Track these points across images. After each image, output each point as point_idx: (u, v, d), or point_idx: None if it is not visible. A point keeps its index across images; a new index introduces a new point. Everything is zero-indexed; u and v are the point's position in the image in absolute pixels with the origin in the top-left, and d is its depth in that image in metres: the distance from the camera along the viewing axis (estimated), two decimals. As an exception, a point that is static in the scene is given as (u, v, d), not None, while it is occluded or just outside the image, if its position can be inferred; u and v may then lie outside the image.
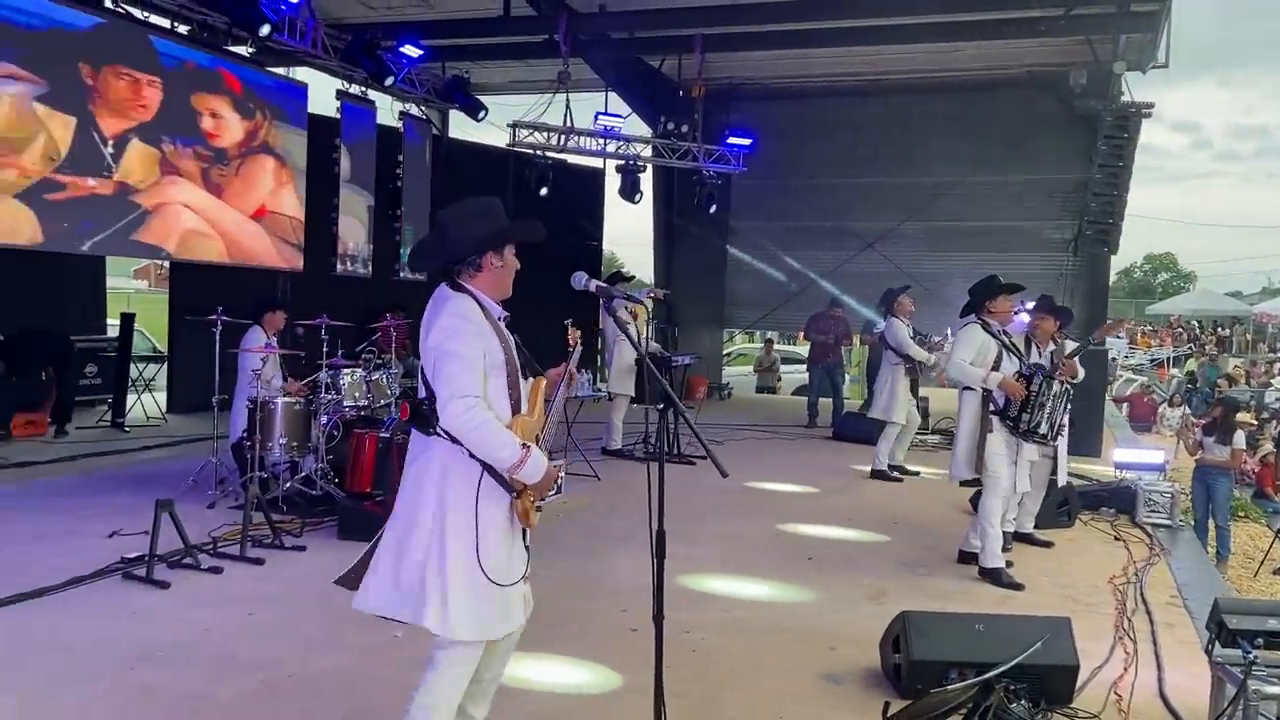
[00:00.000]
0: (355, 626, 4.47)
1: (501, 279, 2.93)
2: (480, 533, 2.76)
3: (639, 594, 5.18)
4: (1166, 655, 4.53)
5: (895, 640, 4.01)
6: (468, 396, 2.69)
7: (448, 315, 2.79)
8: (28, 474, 7.79)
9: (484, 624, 2.83)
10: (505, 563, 2.85)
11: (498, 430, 2.74)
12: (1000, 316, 5.93)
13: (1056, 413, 5.78)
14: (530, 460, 2.77)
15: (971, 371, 5.76)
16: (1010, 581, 5.58)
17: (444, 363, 2.74)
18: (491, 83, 15.60)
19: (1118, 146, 11.88)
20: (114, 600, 4.77)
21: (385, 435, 6.51)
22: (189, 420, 10.43)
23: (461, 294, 2.85)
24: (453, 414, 2.69)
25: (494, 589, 2.79)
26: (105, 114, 8.98)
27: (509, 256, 2.93)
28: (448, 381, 2.71)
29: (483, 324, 2.81)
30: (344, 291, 11.73)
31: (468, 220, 2.90)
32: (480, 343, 2.78)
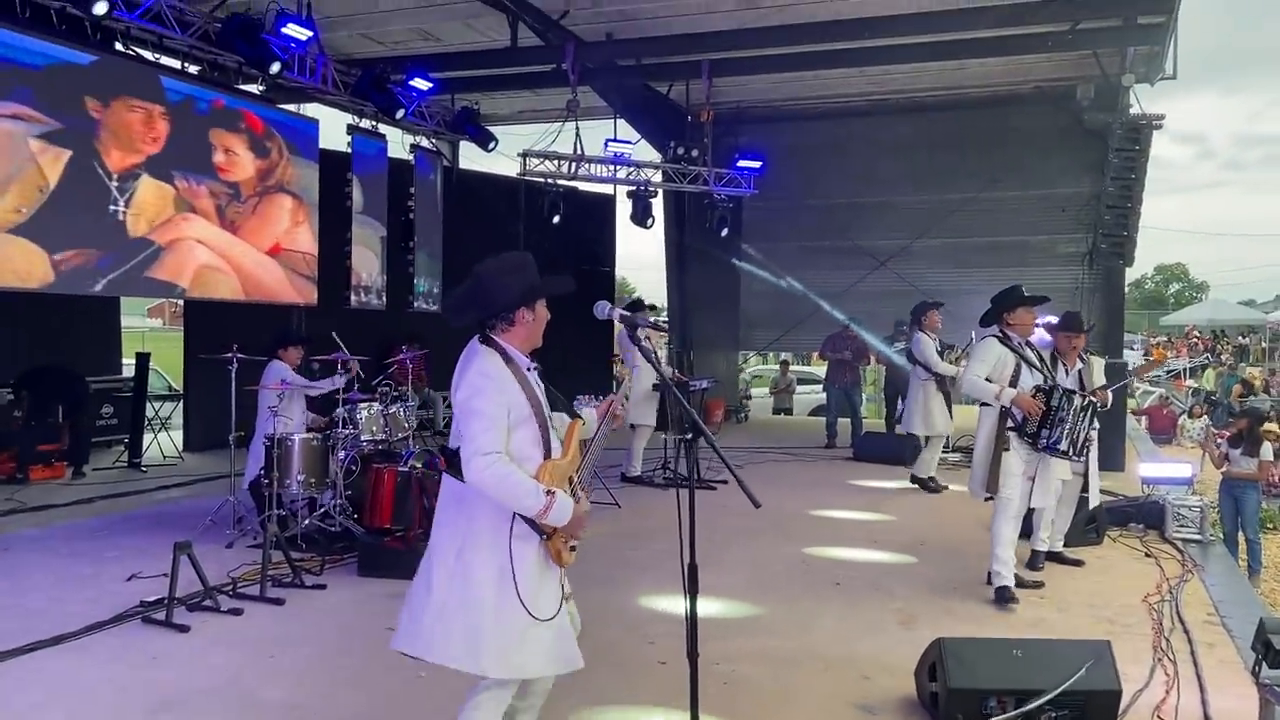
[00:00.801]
0: (381, 667, 4.41)
1: (533, 332, 3.06)
2: (516, 571, 2.87)
3: (665, 624, 5.11)
4: (1209, 676, 4.41)
5: (931, 668, 3.91)
6: (490, 454, 2.82)
7: (473, 373, 2.92)
8: (45, 517, 7.77)
9: (511, 661, 2.90)
10: (539, 600, 2.92)
11: (519, 481, 2.84)
12: (1020, 329, 5.73)
13: (1079, 428, 5.58)
14: (555, 505, 2.87)
15: (984, 387, 5.58)
16: (1009, 597, 5.51)
17: (467, 421, 2.87)
18: (500, 113, 15.67)
19: (1129, 159, 11.82)
20: (134, 645, 4.71)
21: (404, 470, 6.46)
22: (206, 459, 10.42)
23: (489, 349, 2.96)
24: (475, 470, 2.82)
25: (532, 626, 2.88)
26: (113, 148, 9.02)
27: (540, 310, 3.06)
28: (470, 439, 2.84)
29: (507, 380, 2.92)
30: (359, 324, 11.74)
31: (503, 276, 3.01)
32: (504, 399, 2.90)
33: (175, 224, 9.69)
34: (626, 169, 12.91)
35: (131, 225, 9.21)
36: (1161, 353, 30.72)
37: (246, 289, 10.62)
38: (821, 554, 6.76)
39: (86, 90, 8.74)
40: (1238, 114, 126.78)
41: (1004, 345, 5.68)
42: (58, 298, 9.58)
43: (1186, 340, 32.71)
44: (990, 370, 5.61)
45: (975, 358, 5.74)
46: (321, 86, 10.73)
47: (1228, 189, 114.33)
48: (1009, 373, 5.59)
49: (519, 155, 12.33)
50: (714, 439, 2.90)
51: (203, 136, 10.02)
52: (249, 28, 9.14)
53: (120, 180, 9.08)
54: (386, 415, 7.26)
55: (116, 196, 9.06)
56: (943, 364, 8.69)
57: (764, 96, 14.81)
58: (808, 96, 14.74)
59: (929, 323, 8.86)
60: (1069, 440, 5.52)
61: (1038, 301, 5.83)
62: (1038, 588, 5.86)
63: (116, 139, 9.03)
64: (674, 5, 11.17)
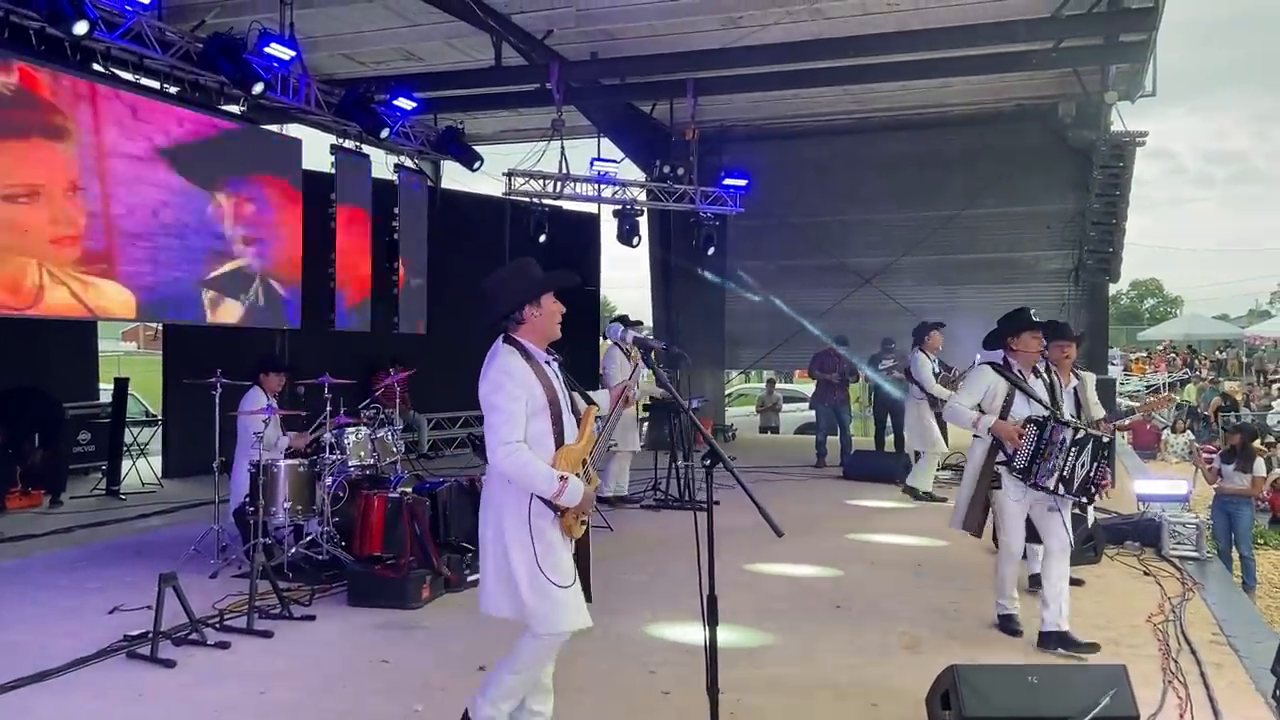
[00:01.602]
0: (374, 701, 4.28)
1: (544, 326, 3.44)
2: (536, 545, 3.31)
3: (665, 652, 5.00)
4: (1221, 699, 4.34)
5: (944, 696, 3.82)
6: (509, 443, 3.25)
7: (495, 370, 3.33)
8: (24, 548, 7.55)
9: (564, 617, 3.35)
10: (558, 567, 3.35)
11: (536, 470, 3.26)
12: (1024, 356, 5.30)
13: (1072, 463, 5.01)
14: (568, 489, 3.30)
15: (962, 414, 5.24)
16: (1013, 629, 5.31)
17: (489, 416, 3.28)
18: (485, 132, 15.62)
19: (1114, 175, 11.91)
20: (119, 682, 4.54)
21: (394, 495, 6.32)
22: (186, 485, 10.21)
23: (509, 347, 3.37)
24: (498, 459, 3.26)
25: (552, 589, 3.32)
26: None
27: (546, 305, 3.43)
28: (493, 431, 3.27)
29: (525, 374, 3.32)
30: (343, 347, 11.59)
31: (505, 282, 3.46)
32: (523, 393, 3.30)
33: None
34: (611, 188, 12.87)
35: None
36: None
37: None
38: (818, 575, 6.67)
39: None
40: (1205, 132, 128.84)
41: (998, 373, 5.31)
42: (33, 322, 9.41)
43: (1165, 355, 33.00)
44: (979, 398, 5.28)
45: (965, 385, 5.51)
46: (304, 106, 10.63)
47: (1198, 205, 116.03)
48: (999, 403, 5.23)
49: (504, 175, 12.27)
50: (732, 464, 2.83)
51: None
52: (231, 48, 9.04)
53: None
54: (374, 440, 7.11)
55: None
56: (936, 385, 8.66)
57: (748, 115, 14.85)
58: (792, 115, 14.80)
59: (930, 343, 8.84)
60: (1058, 476, 5.00)
61: (1043, 327, 5.45)
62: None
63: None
64: (658, 25, 11.19)
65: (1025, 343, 5.29)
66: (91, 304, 8.93)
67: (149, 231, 9.45)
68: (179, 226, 9.77)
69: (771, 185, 14.39)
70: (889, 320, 13.88)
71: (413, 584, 5.77)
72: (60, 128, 8.48)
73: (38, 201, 8.31)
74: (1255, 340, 34.08)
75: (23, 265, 8.24)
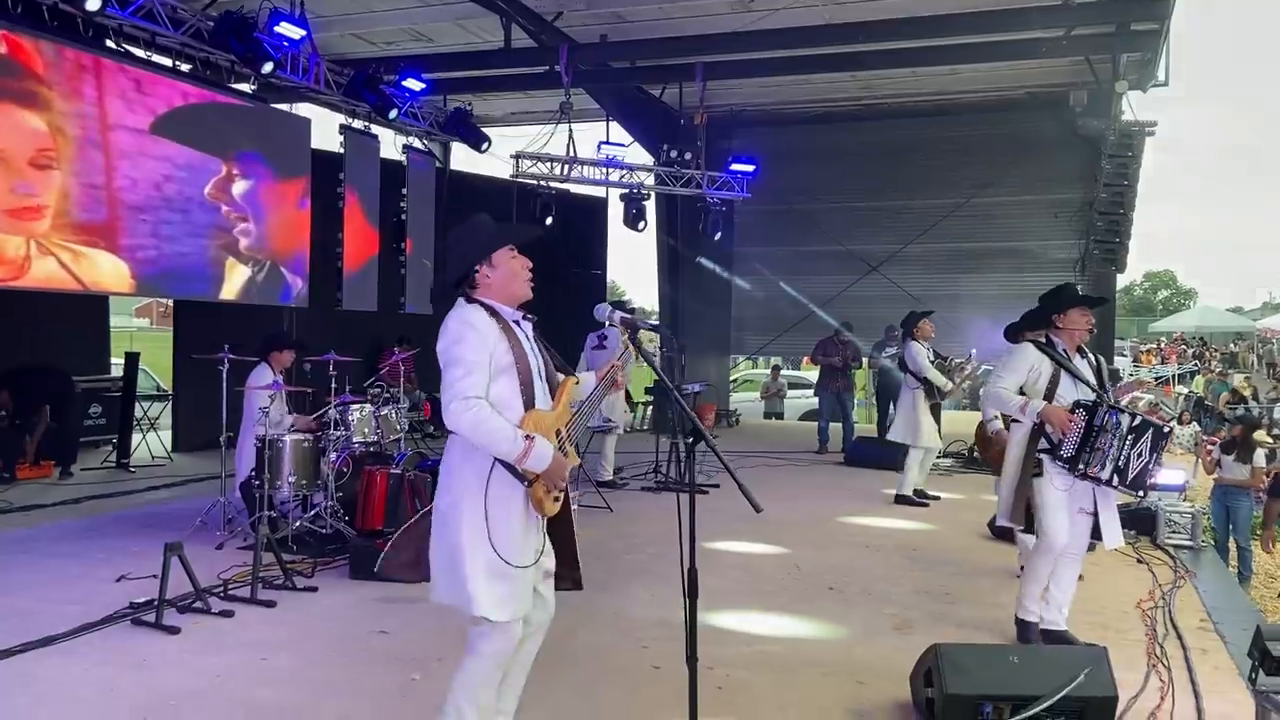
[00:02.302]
0: (372, 670, 4.38)
1: (505, 284, 3.11)
2: (490, 518, 2.96)
3: (658, 628, 5.09)
4: (1203, 682, 4.40)
5: (927, 674, 3.89)
6: (468, 398, 2.89)
7: (454, 322, 3.01)
8: (33, 517, 7.69)
9: (506, 604, 3.00)
10: (518, 546, 3.02)
11: (497, 426, 2.91)
12: (1071, 335, 4.84)
13: (1128, 454, 4.59)
14: (534, 450, 2.93)
15: (1009, 399, 4.77)
16: (1031, 637, 4.88)
17: (446, 368, 2.95)
18: (494, 114, 15.65)
19: (1122, 165, 11.86)
20: (123, 647, 4.66)
21: (396, 471, 6.42)
22: (195, 459, 10.35)
23: (472, 304, 3.06)
24: (454, 414, 2.90)
25: (510, 570, 2.98)
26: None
27: (501, 262, 3.10)
28: (449, 385, 2.92)
29: (489, 329, 3.00)
30: (351, 326, 11.68)
31: (457, 245, 3.17)
32: (485, 346, 2.97)
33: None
34: (619, 172, 12.90)
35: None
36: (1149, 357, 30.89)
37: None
38: (814, 558, 6.74)
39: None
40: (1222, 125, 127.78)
41: (1042, 351, 4.84)
42: (45, 298, 9.52)
43: (1175, 347, 32.91)
44: (1022, 380, 4.80)
45: (1005, 365, 4.90)
46: (314, 86, 10.69)
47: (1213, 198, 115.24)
48: (1044, 383, 4.78)
49: (512, 157, 12.33)
50: (715, 443, 2.87)
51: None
52: (242, 26, 9.10)
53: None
54: (378, 417, 7.22)
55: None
56: (933, 371, 8.61)
57: (757, 100, 14.84)
58: (801, 100, 14.79)
59: (920, 332, 8.80)
60: (1112, 466, 4.57)
61: (1095, 303, 5.07)
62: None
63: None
64: (668, 7, 11.18)
65: (1074, 320, 4.83)
66: (83, 277, 8.94)
67: (152, 205, 9.53)
68: (182, 201, 9.85)
69: (779, 171, 14.40)
70: (895, 307, 13.85)
71: (413, 558, 5.86)
72: (35, 95, 8.39)
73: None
74: (1267, 333, 33.93)
75: (3, 237, 8.24)
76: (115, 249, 9.16)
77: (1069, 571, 4.86)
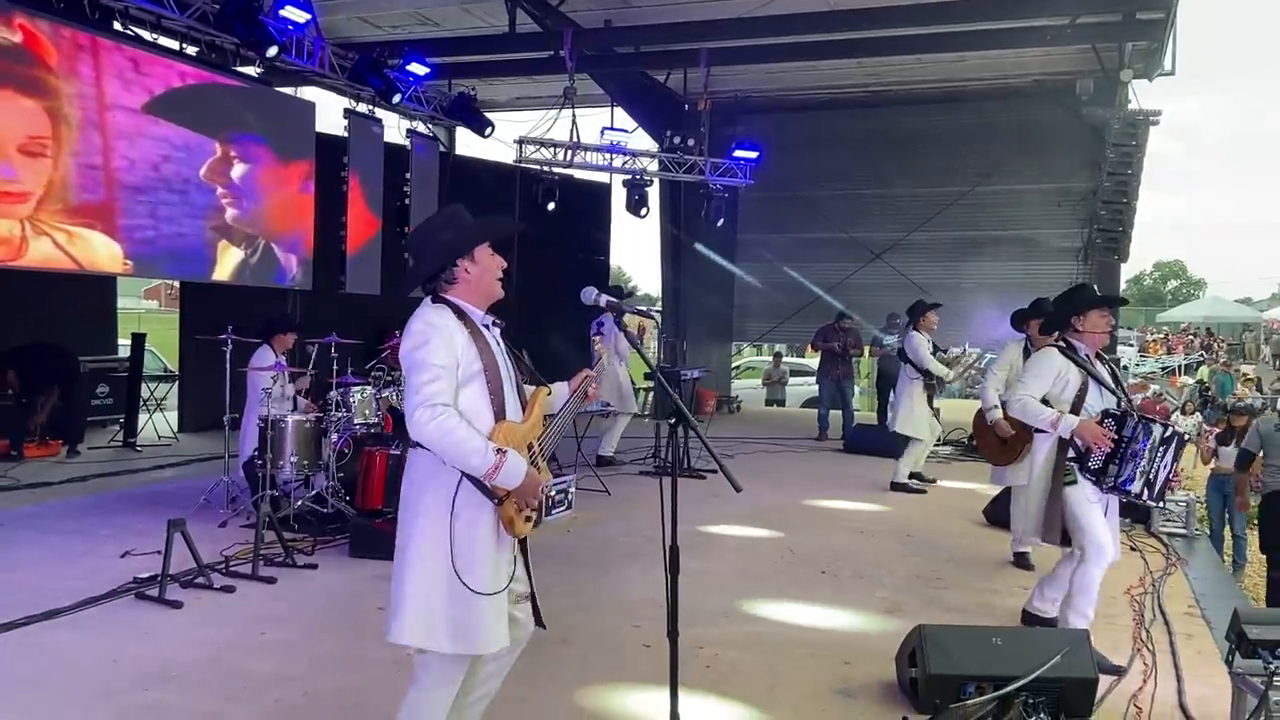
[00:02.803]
0: (370, 644, 4.47)
1: (481, 283, 2.90)
2: (455, 541, 2.71)
3: (651, 608, 5.16)
4: (1186, 666, 4.48)
5: (911, 654, 3.97)
6: (435, 405, 2.65)
7: (419, 324, 2.77)
8: (40, 495, 7.80)
9: (463, 637, 2.75)
10: (487, 572, 2.77)
11: (466, 437, 2.66)
12: (1092, 339, 4.60)
13: (1157, 466, 4.37)
14: (506, 465, 2.69)
15: (1039, 411, 4.46)
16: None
17: (411, 373, 2.71)
18: (498, 99, 15.67)
19: (1126, 154, 11.86)
20: (127, 620, 4.76)
21: (396, 452, 6.50)
22: (200, 439, 10.46)
23: (438, 304, 2.83)
24: (418, 423, 2.65)
25: (475, 599, 2.72)
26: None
27: (482, 258, 2.89)
28: (415, 390, 2.68)
29: (456, 332, 2.77)
30: (354, 309, 11.76)
31: (434, 235, 2.92)
32: (452, 351, 2.74)
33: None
34: (622, 158, 12.92)
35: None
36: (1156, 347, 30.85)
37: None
38: (809, 543, 6.82)
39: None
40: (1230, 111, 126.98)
41: (1067, 357, 4.56)
42: (52, 278, 9.61)
43: (1183, 338, 32.84)
44: (1048, 388, 4.54)
45: (1030, 372, 4.62)
46: (319, 70, 10.73)
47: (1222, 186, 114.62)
48: (1071, 393, 4.51)
49: (515, 142, 12.34)
50: (699, 426, 2.90)
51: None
52: (247, 9, 9.13)
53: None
54: (379, 399, 7.30)
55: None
56: (933, 362, 8.64)
57: (762, 86, 14.82)
58: (805, 87, 14.77)
59: (925, 323, 8.82)
60: (1143, 479, 4.35)
61: (1114, 303, 4.85)
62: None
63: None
64: (673, -7, 11.18)
65: (1094, 323, 4.58)
66: (79, 257, 8.98)
67: (150, 185, 9.57)
68: (180, 181, 9.90)
69: (783, 158, 14.40)
70: (898, 295, 13.90)
71: (412, 538, 5.95)
72: (33, 78, 8.40)
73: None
74: (1276, 324, 33.83)
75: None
76: (111, 230, 9.20)
77: (1066, 570, 4.73)
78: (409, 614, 2.73)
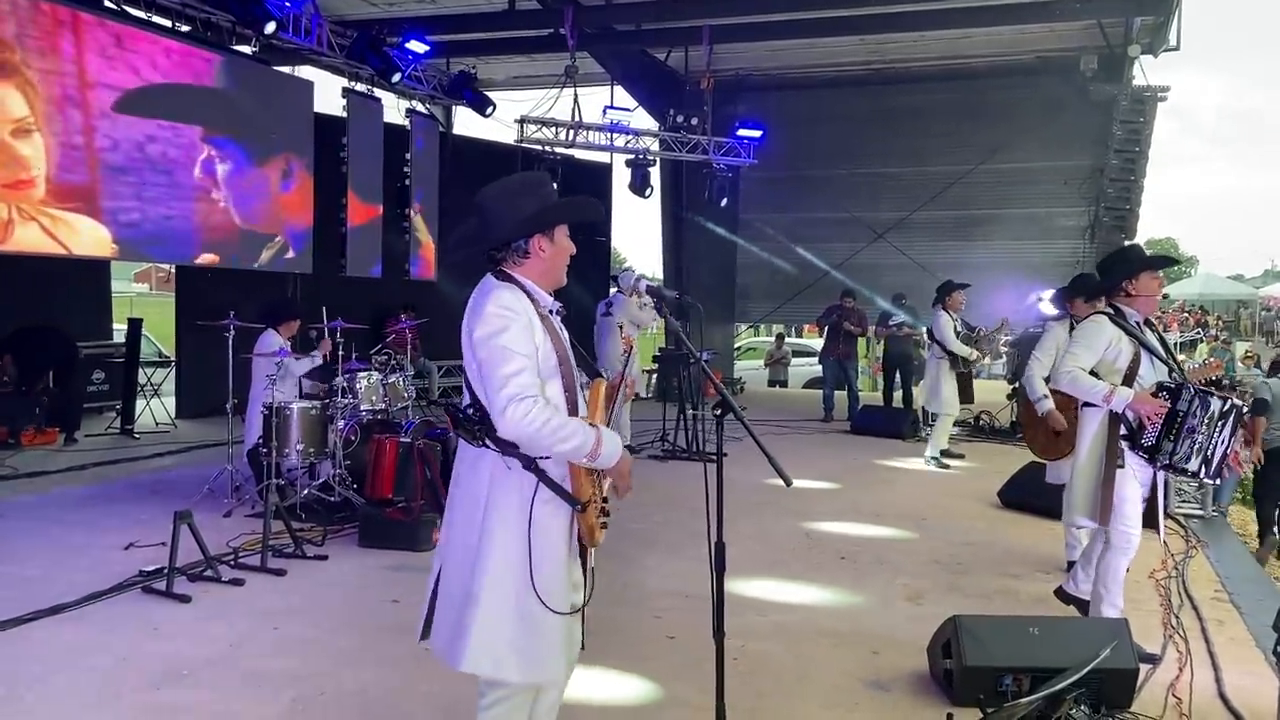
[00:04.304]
0: (385, 638, 4.36)
1: (553, 265, 2.61)
2: (534, 554, 2.46)
3: (671, 599, 5.07)
4: (1221, 654, 4.39)
5: (945, 645, 3.87)
6: (527, 398, 2.38)
7: (493, 307, 2.46)
8: (39, 484, 7.66)
9: (534, 662, 2.52)
10: (563, 589, 2.55)
11: (564, 423, 2.41)
12: (1145, 302, 4.29)
13: (1215, 441, 4.13)
14: (605, 441, 2.47)
15: (1089, 385, 4.19)
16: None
17: (496, 362, 2.41)
18: (498, 78, 15.45)
19: (1134, 131, 11.75)
20: (135, 616, 4.63)
21: (406, 440, 6.38)
22: (198, 426, 10.31)
23: (508, 284, 2.53)
24: (514, 418, 2.36)
25: (547, 619, 2.48)
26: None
27: (560, 239, 2.61)
28: (503, 382, 2.38)
29: (533, 319, 2.50)
30: (354, 292, 11.60)
31: (511, 200, 2.57)
32: (531, 339, 2.47)
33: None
34: (624, 137, 12.75)
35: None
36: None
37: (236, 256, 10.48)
38: (825, 528, 6.73)
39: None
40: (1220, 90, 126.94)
41: (1117, 325, 4.26)
42: (46, 262, 9.42)
43: (1177, 315, 32.83)
44: (1099, 359, 4.27)
45: (1080, 342, 4.31)
46: (316, 48, 10.53)
47: (1213, 164, 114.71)
48: (1124, 363, 4.23)
49: (516, 121, 12.17)
50: (743, 414, 2.78)
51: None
52: (243, -14, 8.94)
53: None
54: (385, 385, 7.16)
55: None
56: (958, 343, 8.67)
57: (764, 64, 14.64)
58: (808, 65, 14.59)
59: (952, 303, 8.82)
60: (1200, 457, 4.12)
61: (1166, 264, 4.57)
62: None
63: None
64: (675, -32, 10.99)
65: (1145, 285, 4.29)
66: (66, 240, 8.76)
67: (135, 166, 9.35)
68: (166, 163, 9.69)
69: (786, 136, 14.23)
70: (902, 275, 13.82)
71: (423, 527, 5.83)
72: (9, 62, 8.17)
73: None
74: (1268, 301, 33.86)
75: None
76: (96, 212, 8.99)
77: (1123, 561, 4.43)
78: (477, 640, 2.46)
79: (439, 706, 3.68)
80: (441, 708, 3.67)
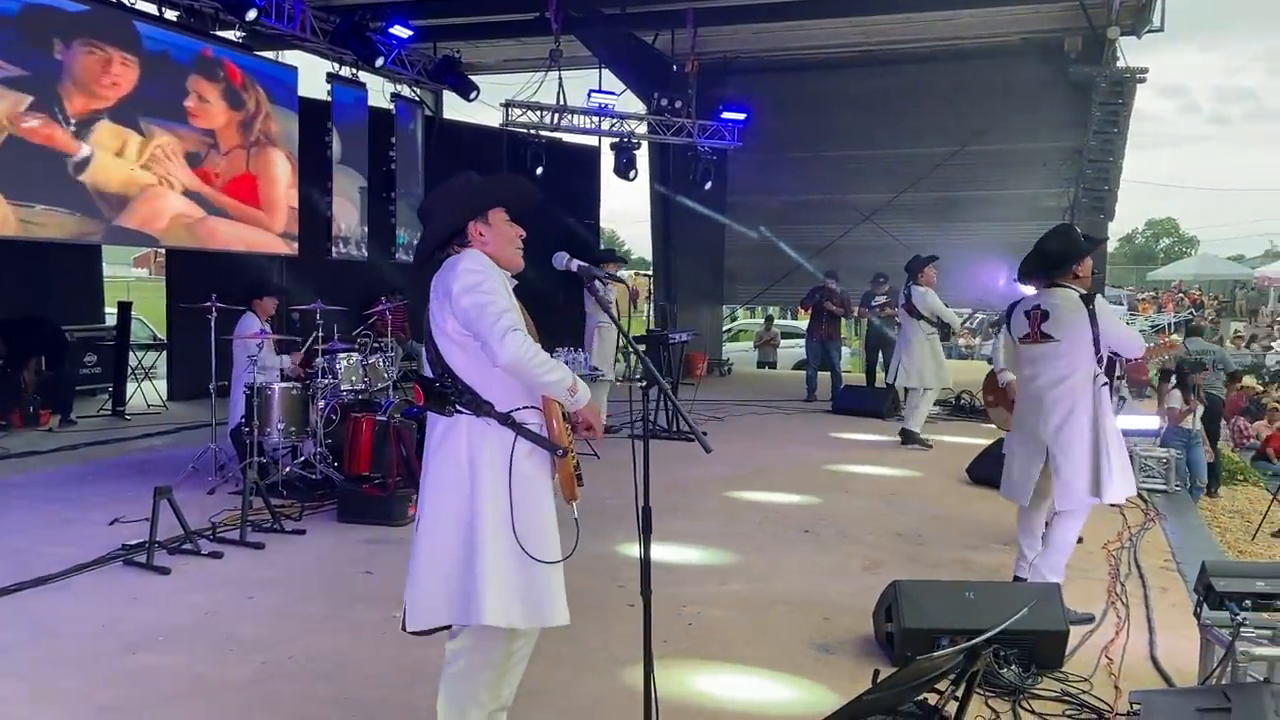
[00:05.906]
0: (355, 607, 4.54)
1: (499, 249, 2.80)
2: (515, 504, 2.64)
3: (635, 569, 5.21)
4: (1158, 619, 4.56)
5: (887, 609, 4.04)
6: (520, 330, 2.60)
7: (469, 264, 2.68)
8: (30, 464, 7.84)
9: (535, 610, 2.69)
10: (545, 538, 2.73)
11: (549, 358, 2.65)
12: (1084, 283, 4.59)
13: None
14: (579, 381, 2.73)
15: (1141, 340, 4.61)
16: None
17: (484, 305, 2.61)
18: (483, 62, 15.51)
19: (1112, 112, 11.84)
20: (115, 586, 4.82)
21: (382, 418, 6.54)
22: (189, 407, 10.47)
23: (472, 249, 2.76)
24: (511, 345, 2.56)
25: (533, 567, 2.65)
26: (75, 94, 8.84)
27: (497, 222, 2.81)
28: (497, 318, 2.59)
29: (502, 276, 2.74)
30: (339, 275, 11.74)
31: (443, 198, 2.85)
32: (505, 293, 2.68)
33: (145, 171, 9.61)
34: (610, 120, 12.85)
35: (94, 172, 9.09)
36: (1146, 305, 30.94)
37: (223, 239, 10.59)
38: (793, 502, 6.90)
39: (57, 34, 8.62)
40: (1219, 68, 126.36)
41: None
42: (36, 246, 9.56)
43: (1173, 296, 32.92)
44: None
45: (1109, 317, 4.50)
46: (299, 33, 10.62)
47: (1213, 143, 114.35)
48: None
49: (501, 105, 12.27)
50: (676, 390, 2.94)
51: (180, 86, 9.92)
52: (224, -28, 9.03)
53: (79, 126, 8.94)
54: (366, 366, 7.32)
55: (76, 142, 8.94)
56: (949, 312, 8.76)
57: (749, 46, 14.70)
58: (793, 47, 14.65)
59: (925, 278, 8.88)
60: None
61: (1098, 244, 5.13)
62: None
63: (77, 83, 8.88)
64: (658, -49, 11.06)
65: (1085, 266, 4.59)
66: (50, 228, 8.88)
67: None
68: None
69: (772, 119, 14.32)
70: (886, 256, 13.90)
71: (399, 502, 6.01)
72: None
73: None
74: (1265, 281, 33.93)
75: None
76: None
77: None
78: (491, 592, 2.61)
79: (402, 667, 3.86)
80: (404, 668, 3.84)
